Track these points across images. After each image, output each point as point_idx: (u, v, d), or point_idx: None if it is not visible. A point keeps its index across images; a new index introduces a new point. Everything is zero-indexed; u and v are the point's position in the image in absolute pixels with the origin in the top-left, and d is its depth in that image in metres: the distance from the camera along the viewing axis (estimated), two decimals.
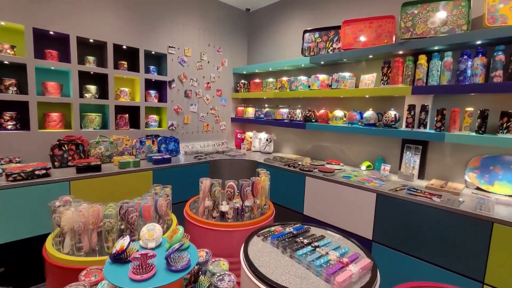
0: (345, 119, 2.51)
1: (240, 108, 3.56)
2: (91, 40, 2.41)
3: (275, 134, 3.21)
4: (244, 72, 3.52)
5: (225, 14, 3.41)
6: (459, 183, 1.97)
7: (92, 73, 2.45)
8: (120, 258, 0.92)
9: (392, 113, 2.15)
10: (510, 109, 1.70)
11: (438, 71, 1.93)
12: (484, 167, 1.86)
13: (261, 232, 1.37)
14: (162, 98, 3.00)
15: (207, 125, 3.37)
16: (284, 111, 3.02)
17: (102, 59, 2.57)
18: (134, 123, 2.81)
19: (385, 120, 2.18)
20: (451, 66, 1.89)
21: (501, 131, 1.70)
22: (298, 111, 2.86)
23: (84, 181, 1.97)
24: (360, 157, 2.56)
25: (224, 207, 1.60)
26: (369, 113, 2.29)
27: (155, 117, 2.95)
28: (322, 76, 2.65)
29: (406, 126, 2.08)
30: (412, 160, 2.13)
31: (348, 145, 2.65)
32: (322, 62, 2.64)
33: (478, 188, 1.86)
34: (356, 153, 2.59)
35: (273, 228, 1.38)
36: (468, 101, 1.93)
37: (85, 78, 2.47)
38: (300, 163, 2.59)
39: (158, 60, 3.02)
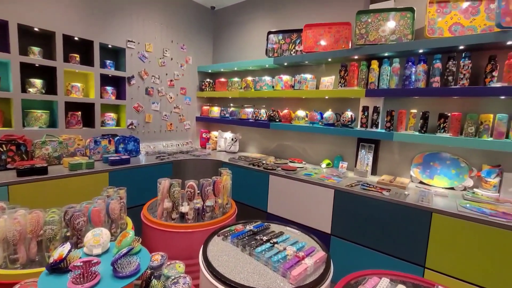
0: (306, 119, 2.61)
1: (205, 107, 3.50)
2: (36, 29, 2.18)
3: (240, 133, 3.22)
4: (210, 71, 3.47)
5: (190, 10, 3.33)
6: (406, 177, 2.17)
7: (37, 65, 2.22)
8: (59, 268, 0.84)
9: (348, 113, 2.29)
10: (446, 111, 1.92)
11: (387, 75, 2.10)
12: (426, 163, 2.07)
13: (222, 231, 1.37)
14: (120, 95, 2.83)
15: (171, 124, 3.26)
16: (249, 110, 3.04)
17: (50, 50, 2.34)
18: (89, 121, 2.60)
19: (343, 120, 2.31)
20: (398, 72, 2.07)
21: (439, 130, 1.91)
22: (262, 111, 2.90)
23: (26, 185, 1.77)
24: (321, 156, 2.68)
25: (184, 208, 1.56)
26: (328, 114, 2.41)
27: (112, 115, 2.77)
28: (285, 77, 2.72)
29: (361, 126, 2.23)
30: (366, 157, 2.29)
31: (310, 144, 2.76)
32: (285, 64, 2.72)
33: (421, 182, 2.07)
34: (317, 151, 2.71)
35: (234, 227, 1.38)
36: (412, 103, 2.14)
37: (29, 71, 2.23)
38: (264, 162, 2.63)
39: (115, 55, 2.83)
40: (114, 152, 2.53)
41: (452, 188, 1.95)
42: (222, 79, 3.30)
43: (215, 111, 3.39)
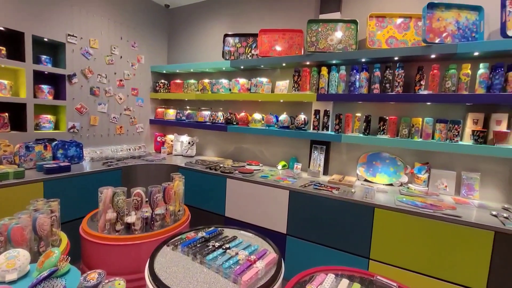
0: (263, 122, 2.65)
1: (160, 110, 3.34)
2: None
3: (197, 137, 3.14)
4: (164, 71, 3.32)
5: (141, 7, 3.15)
6: (353, 176, 2.34)
7: None
8: None
9: (302, 117, 2.39)
10: (385, 115, 2.12)
11: (335, 81, 2.24)
12: (369, 162, 2.27)
13: (172, 241, 1.30)
14: (59, 95, 2.53)
15: (121, 127, 3.03)
16: (206, 113, 2.98)
17: None
18: (19, 124, 2.28)
19: (297, 123, 2.40)
20: (345, 78, 2.23)
21: (379, 133, 2.10)
22: (220, 114, 2.87)
23: None
24: (277, 157, 2.75)
25: (130, 218, 1.45)
26: (283, 117, 2.49)
27: (49, 117, 2.46)
28: (242, 80, 2.73)
29: (313, 129, 2.35)
30: (318, 158, 2.41)
31: (267, 146, 2.81)
32: (242, 67, 2.73)
33: (366, 180, 2.25)
34: (274, 153, 2.78)
35: (185, 235, 1.33)
36: (357, 108, 2.32)
37: None
38: (222, 165, 2.60)
39: (54, 50, 2.54)
40: (51, 159, 2.26)
41: (391, 185, 2.16)
42: (178, 81, 3.18)
43: (171, 113, 3.25)
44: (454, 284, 1.53)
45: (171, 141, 3.24)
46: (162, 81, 3.28)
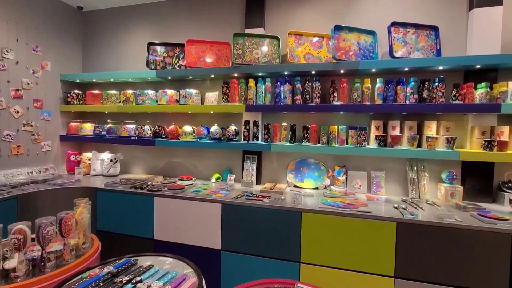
0: (194, 134, 2.55)
1: (73, 124, 2.89)
2: None
3: (121, 153, 2.82)
4: (78, 81, 2.92)
5: (45, 5, 2.72)
6: (283, 183, 2.44)
7: None
8: None
9: (232, 128, 2.39)
10: (307, 124, 2.28)
11: (263, 93, 2.33)
12: (297, 169, 2.40)
13: (69, 283, 1.08)
14: None
15: (18, 146, 2.49)
16: (131, 127, 2.72)
17: None
18: None
19: (228, 134, 2.39)
20: (270, 90, 2.33)
21: (303, 140, 2.25)
22: (146, 127, 2.65)
23: None
24: (211, 170, 2.67)
25: (9, 263, 1.14)
26: (214, 128, 2.44)
27: None
28: (170, 91, 2.60)
29: (244, 139, 2.37)
30: (251, 168, 2.43)
31: (199, 159, 2.71)
32: (169, 77, 2.60)
33: (295, 186, 2.37)
34: (207, 166, 2.69)
35: (87, 273, 1.12)
36: (283, 117, 2.45)
37: None
38: (150, 183, 2.38)
39: None
40: None
41: (317, 188, 2.32)
42: (96, 91, 2.83)
43: (88, 128, 2.85)
44: (371, 274, 1.70)
45: (89, 159, 2.83)
46: (76, 91, 2.87)
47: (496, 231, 1.52)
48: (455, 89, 1.92)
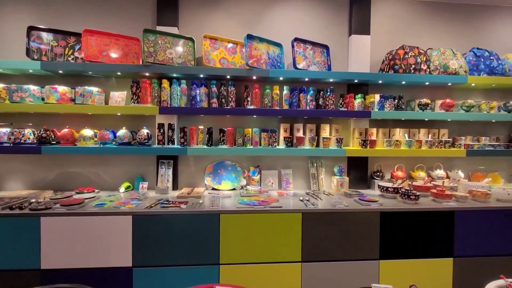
0: (96, 139, 2.23)
1: None
2: None
3: None
4: None
5: None
6: (201, 187, 2.42)
7: None
8: None
9: (144, 131, 2.21)
10: (224, 127, 2.34)
11: (178, 95, 2.24)
12: (215, 171, 2.43)
13: None
14: None
15: None
16: (3, 130, 2.14)
17: None
18: None
19: (139, 138, 2.19)
20: (186, 92, 2.28)
21: (220, 143, 2.29)
22: (28, 131, 2.14)
23: None
24: (119, 179, 2.39)
25: None
26: (122, 132, 2.20)
27: None
28: (62, 88, 2.17)
29: (158, 143, 2.23)
30: (166, 174, 2.31)
31: (104, 167, 2.39)
32: (61, 71, 2.18)
33: (213, 189, 2.39)
34: (114, 175, 2.40)
35: None
36: (200, 120, 2.44)
37: None
38: (33, 200, 1.93)
39: None
40: None
41: (234, 189, 2.41)
42: None
43: None
44: (283, 263, 1.89)
45: None
46: None
47: (370, 210, 1.95)
48: (341, 98, 2.36)
